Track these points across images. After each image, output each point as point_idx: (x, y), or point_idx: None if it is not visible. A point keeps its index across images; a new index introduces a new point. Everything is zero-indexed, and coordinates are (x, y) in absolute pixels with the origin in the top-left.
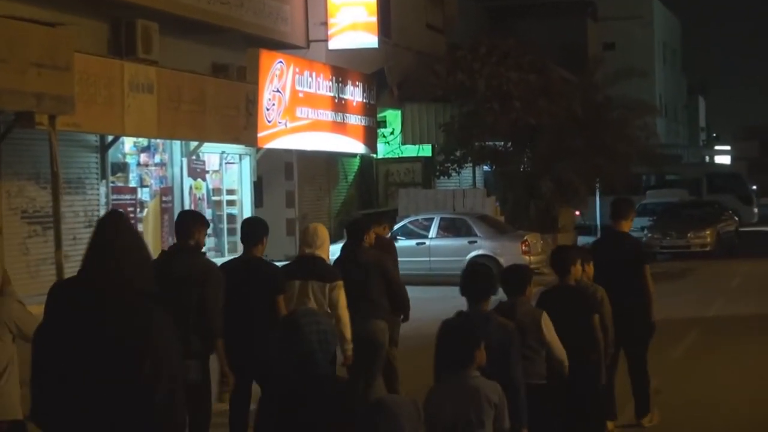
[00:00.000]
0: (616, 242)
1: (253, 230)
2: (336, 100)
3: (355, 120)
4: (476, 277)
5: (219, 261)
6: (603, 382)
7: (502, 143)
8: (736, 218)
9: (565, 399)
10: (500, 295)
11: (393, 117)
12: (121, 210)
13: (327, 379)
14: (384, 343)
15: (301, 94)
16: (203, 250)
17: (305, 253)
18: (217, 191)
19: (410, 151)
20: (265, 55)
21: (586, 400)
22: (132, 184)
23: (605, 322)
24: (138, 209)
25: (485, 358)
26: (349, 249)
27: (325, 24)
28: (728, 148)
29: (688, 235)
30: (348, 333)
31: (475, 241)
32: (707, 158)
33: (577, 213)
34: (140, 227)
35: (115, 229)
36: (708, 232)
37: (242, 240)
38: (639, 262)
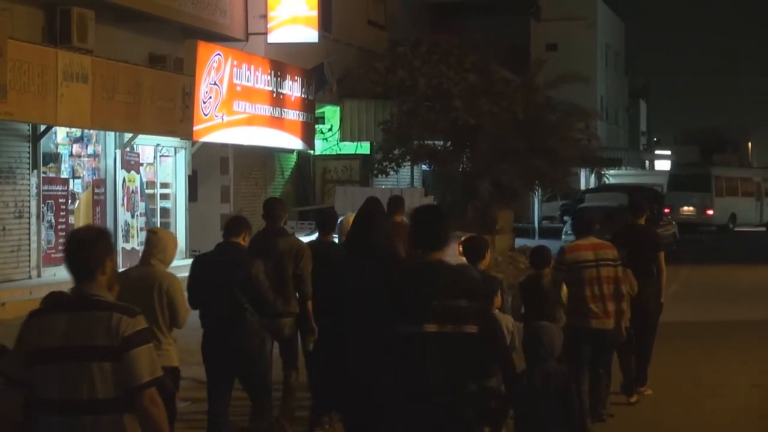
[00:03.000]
0: (635, 233)
1: (330, 219)
2: (274, 95)
3: (293, 115)
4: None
5: None
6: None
7: (442, 143)
8: (674, 222)
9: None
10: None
11: (331, 113)
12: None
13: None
14: None
15: (238, 88)
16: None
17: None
18: (151, 184)
19: (348, 148)
20: (202, 47)
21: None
22: (64, 175)
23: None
24: (69, 201)
25: None
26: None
27: (264, 17)
28: (668, 152)
29: None
30: None
31: None
32: (648, 162)
33: None
34: (71, 219)
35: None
36: None
37: (318, 226)
38: (655, 250)
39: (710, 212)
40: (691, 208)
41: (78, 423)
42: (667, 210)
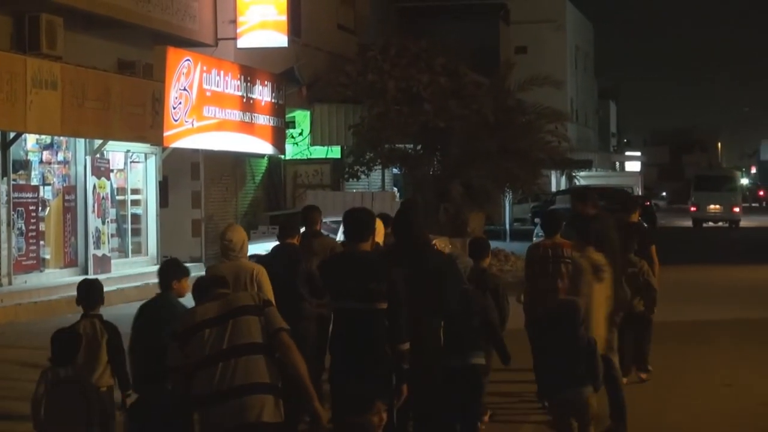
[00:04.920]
0: (628, 230)
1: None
2: (244, 100)
3: (264, 120)
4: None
5: (123, 261)
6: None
7: (412, 146)
8: (645, 225)
9: None
10: None
11: (302, 118)
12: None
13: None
14: None
15: (208, 93)
16: None
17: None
18: (122, 190)
19: (319, 152)
20: (172, 53)
21: None
22: (34, 182)
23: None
24: (40, 208)
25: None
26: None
27: (234, 22)
28: (638, 153)
29: None
30: None
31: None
32: (618, 164)
33: None
34: (42, 226)
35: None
36: None
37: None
38: (647, 244)
39: (737, 209)
40: (718, 206)
41: (244, 361)
42: (693, 208)
